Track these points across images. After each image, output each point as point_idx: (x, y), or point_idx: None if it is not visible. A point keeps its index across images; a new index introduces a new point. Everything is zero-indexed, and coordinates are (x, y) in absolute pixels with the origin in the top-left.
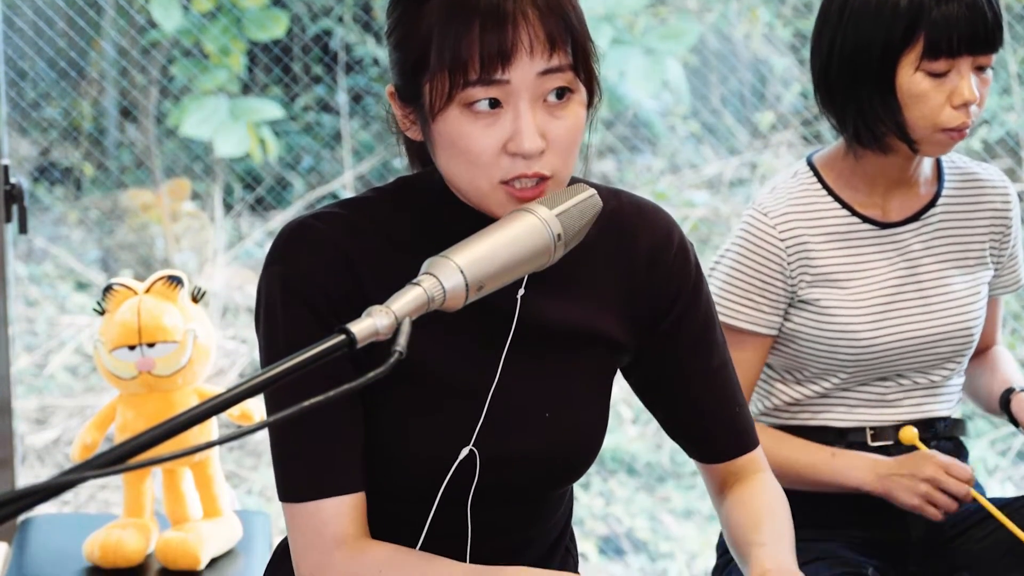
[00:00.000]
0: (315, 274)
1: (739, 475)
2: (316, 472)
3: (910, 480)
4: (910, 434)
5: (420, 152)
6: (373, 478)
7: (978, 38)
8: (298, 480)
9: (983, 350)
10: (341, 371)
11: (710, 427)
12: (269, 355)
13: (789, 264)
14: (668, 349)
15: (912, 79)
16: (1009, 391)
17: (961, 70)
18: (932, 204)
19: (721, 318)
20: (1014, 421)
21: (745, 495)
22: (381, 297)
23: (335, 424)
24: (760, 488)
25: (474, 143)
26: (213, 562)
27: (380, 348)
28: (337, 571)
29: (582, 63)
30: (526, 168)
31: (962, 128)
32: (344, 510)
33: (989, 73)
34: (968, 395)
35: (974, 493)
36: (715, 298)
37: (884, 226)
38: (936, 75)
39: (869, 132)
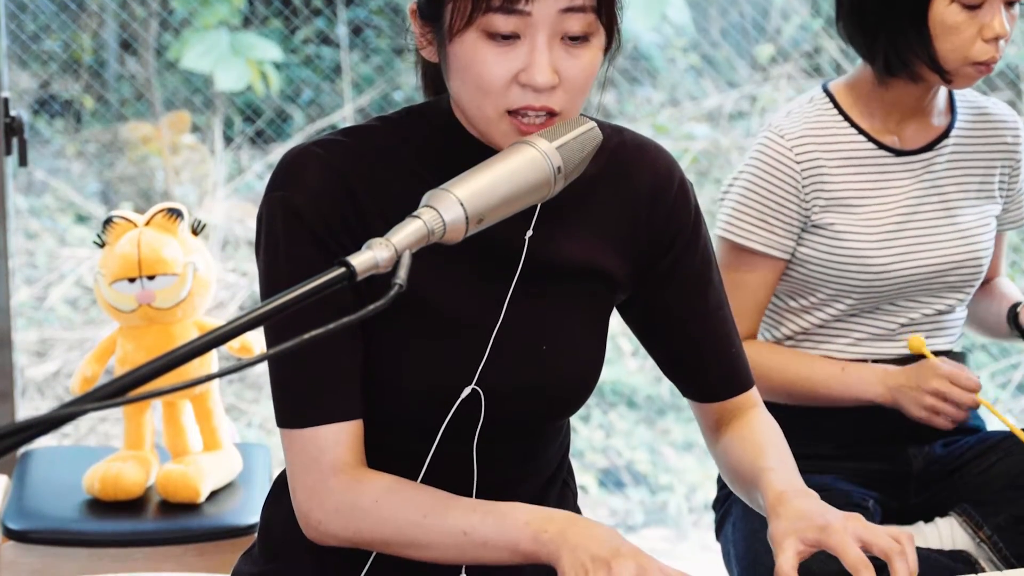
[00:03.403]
0: (316, 200)
1: (734, 413)
2: (314, 399)
3: (917, 392)
4: (917, 343)
5: (435, 78)
6: (375, 410)
7: None
8: (296, 406)
9: (986, 281)
10: (342, 301)
11: (706, 367)
12: (269, 281)
13: (804, 187)
14: (665, 288)
15: (947, 10)
16: (1016, 304)
17: (994, 4)
18: (946, 135)
19: (733, 239)
20: (1022, 334)
21: (745, 430)
22: (382, 225)
23: (334, 352)
24: (757, 422)
25: (487, 69)
26: (213, 495)
27: (381, 279)
28: (333, 497)
29: (605, 7)
30: (535, 100)
31: (990, 62)
32: (342, 437)
33: (1017, 9)
34: (973, 324)
35: (982, 401)
36: (728, 218)
37: (899, 153)
38: (970, 7)
39: (900, 61)
